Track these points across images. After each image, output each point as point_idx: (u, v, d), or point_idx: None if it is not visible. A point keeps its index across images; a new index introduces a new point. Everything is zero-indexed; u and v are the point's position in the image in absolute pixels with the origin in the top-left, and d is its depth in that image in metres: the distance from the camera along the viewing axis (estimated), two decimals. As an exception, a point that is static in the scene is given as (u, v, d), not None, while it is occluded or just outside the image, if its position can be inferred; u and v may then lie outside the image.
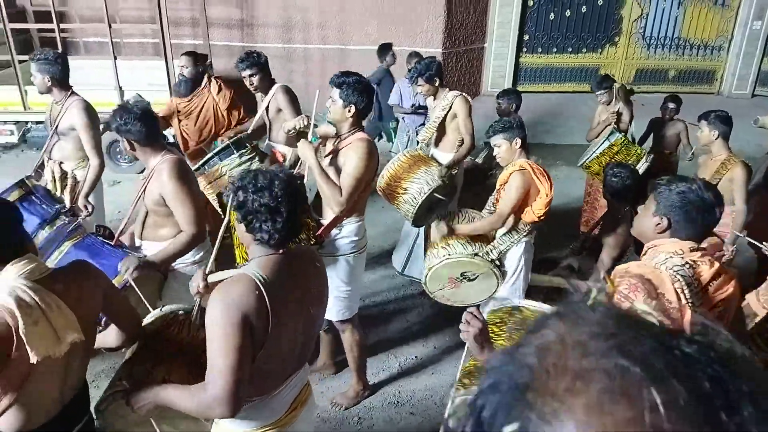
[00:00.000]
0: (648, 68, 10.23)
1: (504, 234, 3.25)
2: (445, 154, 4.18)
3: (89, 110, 3.63)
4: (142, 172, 3.46)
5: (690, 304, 1.83)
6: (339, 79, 2.83)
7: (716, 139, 3.66)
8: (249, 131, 4.18)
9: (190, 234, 2.74)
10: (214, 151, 3.54)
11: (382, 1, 8.36)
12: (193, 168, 3.11)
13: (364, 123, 3.15)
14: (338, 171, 2.88)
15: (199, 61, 4.68)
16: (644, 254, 2.04)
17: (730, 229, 3.53)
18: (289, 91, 4.03)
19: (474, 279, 3.21)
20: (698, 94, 10.38)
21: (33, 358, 1.66)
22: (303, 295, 1.84)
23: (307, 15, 8.43)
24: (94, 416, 2.02)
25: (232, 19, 8.41)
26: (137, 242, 2.97)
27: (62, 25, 6.47)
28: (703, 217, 1.92)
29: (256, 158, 3.55)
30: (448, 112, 4.09)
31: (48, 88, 3.60)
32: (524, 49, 9.81)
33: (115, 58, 6.09)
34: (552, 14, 9.63)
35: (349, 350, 3.24)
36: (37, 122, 6.47)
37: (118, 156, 6.48)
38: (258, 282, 1.66)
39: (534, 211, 3.11)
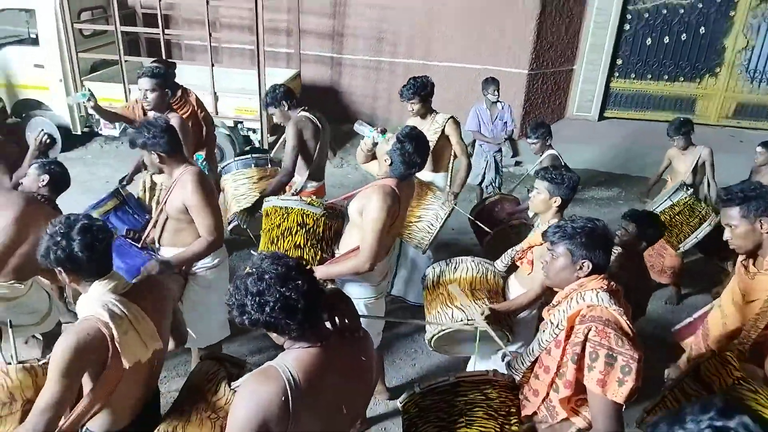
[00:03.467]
0: (750, 103, 9.56)
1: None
2: (440, 175, 4.22)
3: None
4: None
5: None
6: (404, 132, 2.84)
7: None
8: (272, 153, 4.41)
9: (208, 241, 2.89)
10: (236, 159, 3.98)
11: (470, 18, 8.33)
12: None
13: None
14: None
15: (171, 67, 4.24)
16: (567, 296, 2.11)
17: None
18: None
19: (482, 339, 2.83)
20: (806, 134, 9.65)
21: (126, 364, 1.86)
22: (338, 397, 1.72)
23: (398, 28, 8.54)
24: None
25: (325, 29, 8.66)
26: (156, 246, 3.11)
27: (167, 31, 6.93)
28: (608, 246, 2.14)
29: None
30: (441, 135, 4.08)
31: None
32: (616, 74, 9.47)
33: (213, 65, 6.44)
34: (649, 39, 9.24)
35: None
36: (139, 118, 6.95)
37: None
38: (287, 383, 1.57)
39: None
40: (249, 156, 4.00)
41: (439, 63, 8.61)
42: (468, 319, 2.74)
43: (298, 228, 2.99)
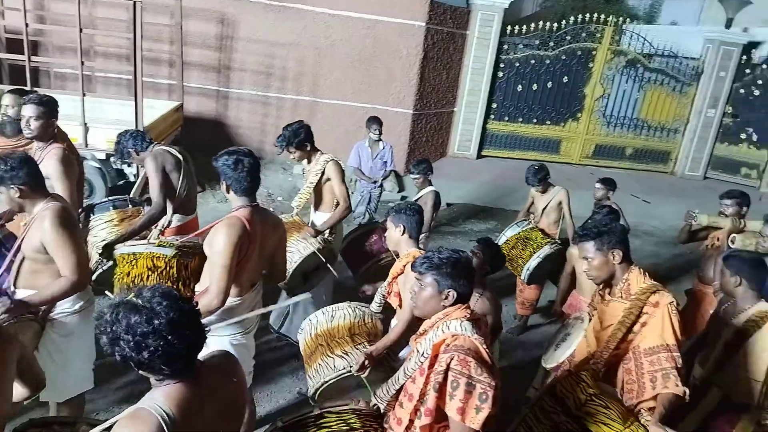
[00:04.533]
0: (607, 144, 10.72)
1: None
2: (324, 215, 4.19)
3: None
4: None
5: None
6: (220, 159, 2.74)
7: (738, 286, 2.84)
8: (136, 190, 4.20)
9: (70, 281, 2.68)
10: (93, 203, 3.70)
11: (358, 59, 8.62)
12: None
13: None
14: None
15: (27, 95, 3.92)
16: (433, 325, 2.18)
17: None
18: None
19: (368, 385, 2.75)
20: (653, 173, 10.91)
21: None
22: (216, 424, 1.70)
23: (286, 64, 8.62)
24: None
25: (210, 62, 8.53)
26: (11, 289, 2.85)
27: (34, 58, 6.46)
28: (471, 277, 2.20)
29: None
30: (321, 176, 4.08)
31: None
32: (492, 116, 10.19)
33: (84, 94, 6.10)
34: (520, 86, 10.07)
35: None
36: (-4, 149, 6.37)
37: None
38: (162, 421, 1.51)
39: None
40: (107, 199, 3.84)
41: (328, 100, 8.78)
42: (351, 366, 2.69)
43: (150, 273, 2.87)
